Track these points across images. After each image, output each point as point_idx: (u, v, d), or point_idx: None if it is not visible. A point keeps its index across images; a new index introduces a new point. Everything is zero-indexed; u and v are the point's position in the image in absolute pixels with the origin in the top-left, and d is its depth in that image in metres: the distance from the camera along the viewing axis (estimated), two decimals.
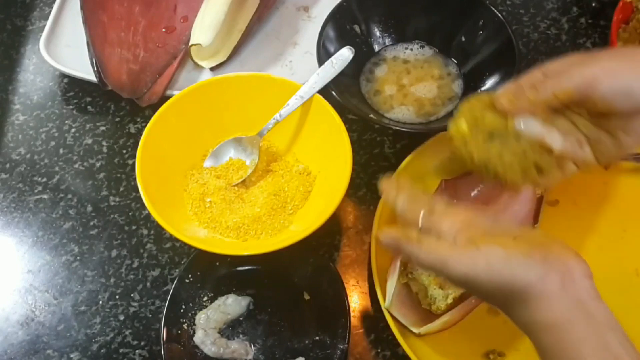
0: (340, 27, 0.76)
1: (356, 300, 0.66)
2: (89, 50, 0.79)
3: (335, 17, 0.75)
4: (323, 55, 0.72)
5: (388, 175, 0.54)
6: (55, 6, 0.85)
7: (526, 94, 0.49)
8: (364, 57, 0.78)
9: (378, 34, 0.79)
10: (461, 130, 0.53)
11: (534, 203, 0.65)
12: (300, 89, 0.68)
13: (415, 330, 0.60)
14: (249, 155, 0.70)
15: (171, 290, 0.63)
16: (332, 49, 0.73)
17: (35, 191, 0.74)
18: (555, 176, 0.52)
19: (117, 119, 0.80)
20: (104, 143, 0.78)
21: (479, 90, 0.73)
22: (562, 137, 0.50)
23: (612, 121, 0.49)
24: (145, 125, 0.66)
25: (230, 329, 0.63)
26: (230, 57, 0.81)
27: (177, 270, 0.68)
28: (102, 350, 0.64)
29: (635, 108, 0.47)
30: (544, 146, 0.50)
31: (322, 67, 0.69)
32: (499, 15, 0.74)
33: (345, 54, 0.70)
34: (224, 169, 0.70)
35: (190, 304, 0.64)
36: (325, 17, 0.75)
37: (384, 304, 0.61)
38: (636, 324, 0.62)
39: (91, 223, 0.72)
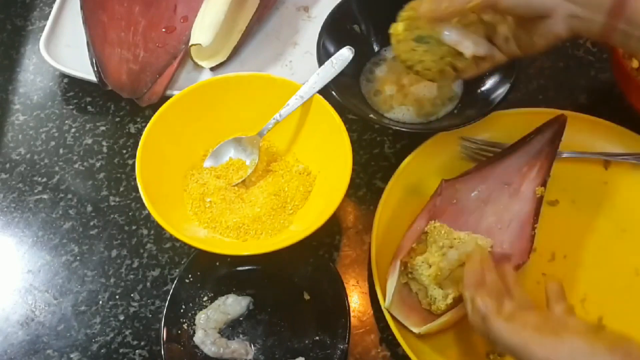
0: (340, 27, 0.76)
1: (356, 300, 0.66)
2: (89, 50, 0.79)
3: (335, 17, 0.75)
4: (323, 55, 0.72)
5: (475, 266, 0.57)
6: (55, 6, 0.85)
7: (442, 4, 0.58)
8: (364, 57, 0.78)
9: (378, 34, 0.79)
10: (397, 31, 0.63)
11: (534, 203, 0.66)
12: (300, 89, 0.68)
13: (415, 330, 0.60)
14: (249, 155, 0.70)
15: (171, 290, 0.63)
16: (332, 49, 0.73)
17: (35, 191, 0.74)
18: (470, 72, 0.63)
19: (117, 119, 0.80)
20: (104, 143, 0.78)
21: (478, 91, 0.73)
22: (474, 44, 0.61)
23: (526, 24, 0.59)
24: (145, 125, 0.66)
25: (230, 329, 0.63)
26: (230, 57, 0.81)
27: (177, 270, 0.68)
28: (102, 350, 0.64)
29: (535, 14, 0.57)
30: (459, 51, 0.61)
31: (322, 67, 0.69)
32: None
33: (345, 54, 0.70)
34: (224, 169, 0.70)
35: (190, 304, 0.64)
36: (324, 17, 0.75)
37: (384, 304, 0.61)
38: (637, 324, 0.62)
39: (91, 223, 0.72)
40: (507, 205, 0.67)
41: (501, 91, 0.69)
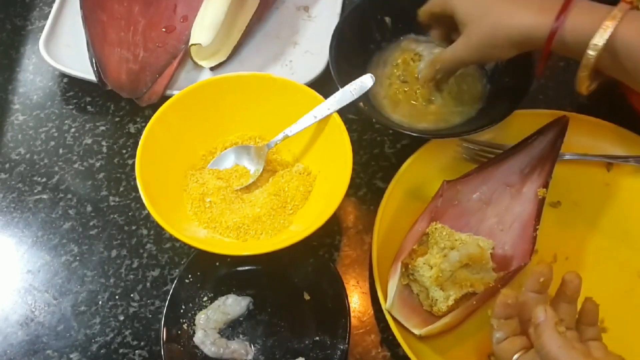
0: (368, 19, 0.75)
1: (356, 301, 0.66)
2: (88, 50, 0.78)
3: (361, 9, 0.74)
4: (335, 55, 0.71)
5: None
6: (55, 6, 0.85)
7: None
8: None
9: (399, 28, 0.77)
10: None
11: (535, 204, 0.65)
12: (315, 109, 0.66)
13: (416, 331, 0.59)
14: (254, 165, 0.69)
15: (171, 290, 0.63)
16: (347, 46, 0.73)
17: (35, 191, 0.74)
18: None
19: (117, 119, 0.80)
20: (103, 143, 0.78)
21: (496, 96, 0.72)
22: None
23: None
24: (145, 125, 0.66)
25: (230, 329, 0.63)
26: (230, 57, 0.81)
27: (177, 270, 0.68)
28: (102, 351, 0.64)
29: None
30: None
31: (341, 91, 0.67)
32: None
33: (365, 82, 0.68)
34: (227, 173, 0.69)
35: (190, 304, 0.63)
36: (324, 16, 0.75)
37: (384, 305, 0.60)
38: (638, 326, 0.62)
39: (91, 223, 0.72)
40: (509, 206, 0.67)
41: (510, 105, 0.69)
